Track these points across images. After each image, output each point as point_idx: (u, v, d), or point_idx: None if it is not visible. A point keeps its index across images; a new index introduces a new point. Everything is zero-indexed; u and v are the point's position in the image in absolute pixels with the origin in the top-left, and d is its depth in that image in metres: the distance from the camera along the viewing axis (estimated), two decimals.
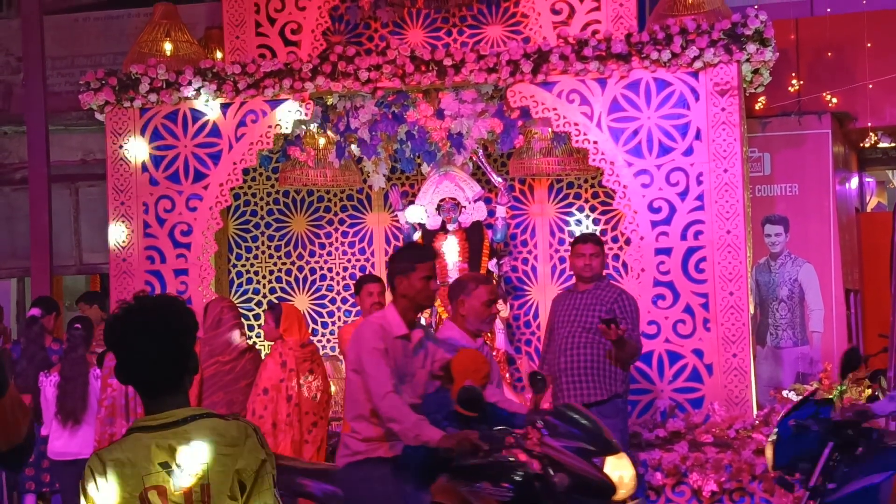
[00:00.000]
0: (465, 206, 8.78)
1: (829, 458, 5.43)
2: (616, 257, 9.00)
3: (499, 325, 8.80)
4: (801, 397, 6.55)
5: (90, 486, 3.02)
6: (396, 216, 9.13)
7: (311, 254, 9.72)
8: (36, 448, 8.27)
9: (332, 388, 7.88)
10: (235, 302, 8.84)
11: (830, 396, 8.08)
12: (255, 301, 9.67)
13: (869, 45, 10.56)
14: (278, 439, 7.30)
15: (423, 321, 8.74)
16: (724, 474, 7.57)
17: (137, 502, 2.99)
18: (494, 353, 8.71)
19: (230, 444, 3.03)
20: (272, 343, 7.67)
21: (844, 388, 8.42)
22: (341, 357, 8.01)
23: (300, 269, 9.71)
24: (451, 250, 8.78)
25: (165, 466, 3.00)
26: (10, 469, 3.09)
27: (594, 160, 8.25)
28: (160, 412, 3.09)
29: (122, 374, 3.12)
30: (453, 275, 8.76)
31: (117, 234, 8.89)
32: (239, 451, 3.03)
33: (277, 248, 9.72)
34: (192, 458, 3.02)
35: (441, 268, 8.80)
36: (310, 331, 7.97)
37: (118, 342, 3.12)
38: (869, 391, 8.46)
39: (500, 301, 8.83)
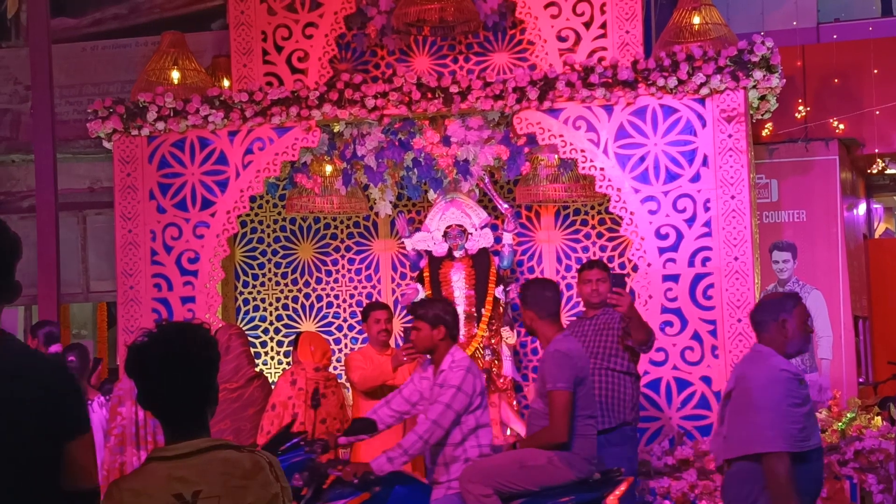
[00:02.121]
0: (471, 233, 8.77)
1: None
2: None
3: (506, 352, 8.79)
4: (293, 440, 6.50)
5: None
6: (403, 243, 9.13)
7: (318, 281, 9.72)
8: None
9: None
10: (243, 329, 8.84)
11: None
12: (262, 328, 9.67)
13: (875, 71, 10.60)
14: None
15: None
16: None
17: None
18: (501, 381, 8.72)
19: (242, 476, 3.02)
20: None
21: (853, 415, 8.40)
22: (347, 385, 8.01)
23: (307, 296, 9.71)
24: (458, 279, 8.78)
25: (180, 498, 2.99)
26: None
27: (601, 187, 8.26)
28: (178, 442, 3.08)
29: (143, 401, 3.11)
30: (460, 303, 8.76)
31: (124, 261, 8.91)
32: (250, 485, 3.02)
33: (284, 276, 9.73)
34: (205, 491, 3.00)
35: (448, 295, 8.80)
36: (331, 359, 8.01)
37: (140, 370, 3.10)
38: (878, 418, 8.45)
39: (507, 328, 8.85)
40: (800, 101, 10.38)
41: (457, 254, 8.76)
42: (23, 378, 3.08)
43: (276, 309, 9.71)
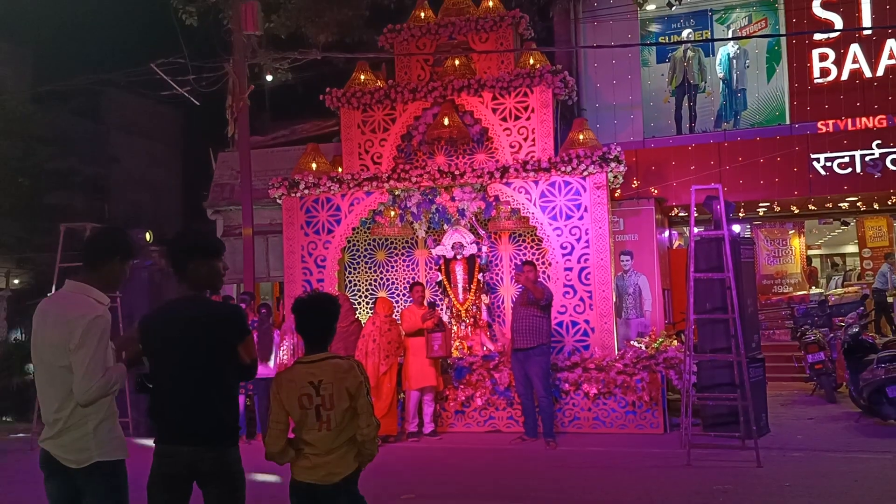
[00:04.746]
0: (466, 246, 8.77)
1: None
2: (544, 272, 8.98)
3: (483, 307, 8.77)
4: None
5: (274, 391, 3.04)
6: (431, 252, 9.13)
7: (386, 271, 9.71)
8: None
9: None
10: (349, 296, 8.86)
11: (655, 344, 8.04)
12: (358, 295, 9.65)
13: (673, 163, 10.59)
14: (368, 362, 7.33)
15: (444, 313, 8.73)
16: (601, 385, 7.53)
17: (297, 402, 3.00)
18: (481, 322, 8.68)
19: (343, 372, 3.02)
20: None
21: (663, 339, 8.38)
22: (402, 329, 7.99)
23: (380, 278, 9.70)
24: (459, 270, 8.79)
25: (312, 384, 3.00)
26: (246, 377, 3.01)
27: (532, 222, 8.26)
28: (312, 354, 3.10)
29: (298, 330, 3.11)
30: (460, 282, 8.74)
31: (287, 261, 8.93)
32: (347, 377, 3.02)
33: (369, 268, 9.72)
34: (325, 380, 3.01)
35: (453, 280, 8.79)
36: (393, 311, 7.99)
37: (299, 313, 3.10)
38: (675, 342, 8.42)
39: (484, 294, 8.82)
40: (634, 178, 10.36)
41: (458, 257, 8.76)
42: (214, 313, 2.97)
43: (366, 286, 9.70)
